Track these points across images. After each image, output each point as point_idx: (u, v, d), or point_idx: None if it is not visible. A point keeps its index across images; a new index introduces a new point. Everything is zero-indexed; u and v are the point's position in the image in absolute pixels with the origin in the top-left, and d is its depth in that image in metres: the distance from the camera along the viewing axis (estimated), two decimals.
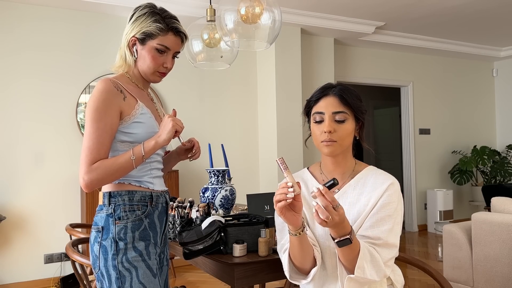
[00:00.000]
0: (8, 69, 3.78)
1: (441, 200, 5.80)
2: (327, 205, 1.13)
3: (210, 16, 2.49)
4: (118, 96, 1.41)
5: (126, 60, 1.51)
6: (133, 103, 1.45)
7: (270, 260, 1.65)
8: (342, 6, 4.42)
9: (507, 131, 6.76)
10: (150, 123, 1.48)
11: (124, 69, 1.53)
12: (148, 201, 1.46)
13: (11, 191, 3.76)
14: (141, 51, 1.49)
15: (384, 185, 1.36)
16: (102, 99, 1.38)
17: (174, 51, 1.53)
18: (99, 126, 1.37)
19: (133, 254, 1.39)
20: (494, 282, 2.89)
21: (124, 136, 1.43)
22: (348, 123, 1.38)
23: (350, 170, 1.44)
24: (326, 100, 1.40)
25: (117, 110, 1.40)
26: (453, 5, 4.48)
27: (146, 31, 1.46)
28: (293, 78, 4.69)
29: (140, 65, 1.51)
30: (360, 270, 1.23)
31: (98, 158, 1.36)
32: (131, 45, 1.50)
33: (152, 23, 1.46)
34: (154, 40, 1.47)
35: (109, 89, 1.40)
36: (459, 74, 6.59)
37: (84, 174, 1.35)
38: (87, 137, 1.37)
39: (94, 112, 1.37)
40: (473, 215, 3.05)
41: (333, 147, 1.37)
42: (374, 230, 1.31)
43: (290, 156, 4.58)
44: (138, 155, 1.40)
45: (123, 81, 1.49)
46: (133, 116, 1.44)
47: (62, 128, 3.95)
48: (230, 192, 2.15)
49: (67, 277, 3.44)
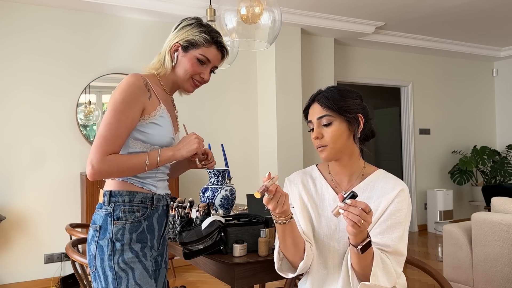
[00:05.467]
0: (8, 69, 3.78)
1: (441, 200, 5.80)
2: (361, 213, 1.11)
3: (210, 16, 2.49)
4: (145, 94, 1.41)
5: (164, 64, 1.51)
6: (156, 104, 1.45)
7: (270, 260, 1.64)
8: (342, 6, 4.42)
9: (507, 131, 6.76)
10: (166, 128, 1.47)
11: (160, 73, 1.53)
12: (149, 203, 1.45)
13: (11, 191, 3.76)
14: (182, 58, 1.50)
15: (394, 191, 1.35)
16: (130, 92, 1.38)
17: (213, 64, 1.54)
18: (120, 118, 1.35)
19: (129, 255, 1.38)
20: (494, 282, 2.89)
21: (138, 134, 1.42)
22: (335, 125, 1.36)
23: (358, 172, 1.42)
24: (312, 108, 1.42)
25: (141, 107, 1.40)
26: (453, 5, 4.48)
27: (191, 39, 1.48)
28: (293, 78, 4.69)
29: (177, 71, 1.51)
30: (374, 278, 1.22)
31: (112, 150, 1.35)
32: (173, 50, 1.51)
33: (198, 33, 1.49)
34: (197, 50, 1.49)
35: (138, 84, 1.40)
36: (459, 74, 6.59)
37: (96, 163, 1.32)
38: (106, 126, 1.35)
39: (120, 103, 1.36)
40: (473, 215, 3.05)
41: (326, 151, 1.37)
42: (384, 237, 1.30)
43: (290, 156, 4.58)
44: (153, 161, 1.40)
45: (152, 81, 1.49)
46: (152, 116, 1.43)
47: (62, 128, 3.95)
48: (230, 192, 2.15)
49: (67, 277, 3.44)
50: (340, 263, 1.37)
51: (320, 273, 1.39)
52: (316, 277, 1.39)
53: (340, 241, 1.37)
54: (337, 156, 1.39)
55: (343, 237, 1.37)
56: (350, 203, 1.11)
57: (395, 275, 1.28)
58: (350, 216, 1.11)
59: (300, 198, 1.45)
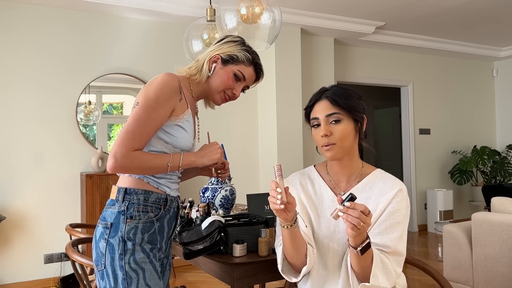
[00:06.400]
0: (8, 69, 3.78)
1: (441, 200, 5.80)
2: (360, 215, 1.11)
3: (210, 16, 2.49)
4: (177, 95, 1.41)
5: (201, 71, 1.52)
6: (184, 107, 1.45)
7: (270, 260, 1.64)
8: (342, 6, 4.42)
9: (507, 131, 6.76)
10: (190, 132, 1.48)
11: (195, 79, 1.53)
12: (162, 204, 1.44)
13: (11, 191, 3.76)
14: (219, 70, 1.52)
15: (392, 190, 1.35)
16: (165, 91, 1.38)
17: (247, 84, 1.57)
18: (152, 115, 1.35)
19: (140, 255, 1.36)
20: (494, 282, 2.89)
21: (163, 134, 1.42)
22: (344, 123, 1.35)
23: (357, 173, 1.42)
24: (319, 105, 1.39)
25: (171, 108, 1.40)
26: (453, 5, 4.48)
27: (233, 55, 1.51)
28: (293, 78, 4.69)
29: (212, 81, 1.53)
30: (374, 279, 1.22)
31: (138, 146, 1.34)
32: (212, 60, 1.52)
33: (241, 50, 1.53)
34: (236, 66, 1.52)
35: (173, 85, 1.40)
36: (459, 74, 6.59)
37: (120, 156, 1.30)
38: (136, 122, 1.34)
39: (153, 101, 1.35)
40: (473, 215, 3.05)
41: (333, 150, 1.35)
42: (383, 237, 1.30)
43: (289, 156, 4.58)
44: (175, 164, 1.40)
45: (184, 84, 1.49)
46: (179, 119, 1.43)
47: (62, 128, 3.95)
48: (230, 192, 2.15)
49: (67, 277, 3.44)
50: (340, 263, 1.36)
51: (320, 274, 1.39)
52: (316, 278, 1.39)
53: (340, 242, 1.37)
54: (342, 155, 1.38)
55: (342, 238, 1.36)
56: (349, 206, 1.11)
57: (394, 275, 1.28)
58: (350, 219, 1.11)
59: (299, 199, 1.45)
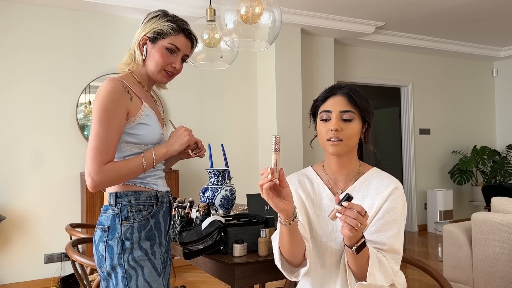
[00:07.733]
0: (8, 69, 3.78)
1: (441, 200, 5.80)
2: (357, 216, 1.11)
3: (210, 16, 2.49)
4: (126, 97, 1.41)
5: (135, 58, 1.52)
6: (138, 104, 1.45)
7: (270, 260, 1.64)
8: (342, 6, 4.42)
9: (507, 131, 6.76)
10: (154, 125, 1.48)
11: (132, 68, 1.53)
12: (154, 202, 1.47)
13: (11, 191, 3.76)
14: (151, 50, 1.50)
15: (388, 188, 1.35)
16: (111, 99, 1.38)
17: (183, 53, 1.54)
18: (107, 126, 1.36)
19: (139, 253, 1.40)
20: (494, 282, 2.89)
21: (129, 137, 1.43)
22: (355, 123, 1.37)
23: (354, 172, 1.43)
24: (334, 99, 1.39)
25: (125, 111, 1.40)
26: (453, 5, 4.48)
27: (158, 30, 1.49)
28: (293, 78, 4.69)
29: (148, 64, 1.52)
30: (371, 277, 1.23)
31: (107, 159, 1.36)
32: (141, 44, 1.51)
33: (164, 23, 1.49)
34: (165, 40, 1.49)
35: (117, 89, 1.40)
36: (459, 74, 6.59)
37: (94, 175, 1.35)
38: (96, 137, 1.36)
39: (103, 112, 1.36)
40: (473, 215, 3.05)
41: (339, 146, 1.35)
42: (379, 235, 1.31)
43: (290, 156, 4.58)
44: (149, 162, 1.42)
45: (129, 81, 1.49)
46: (139, 117, 1.44)
47: (62, 128, 3.95)
48: (230, 192, 2.15)
49: (67, 277, 3.44)
50: (338, 262, 1.37)
51: (318, 272, 1.39)
52: (315, 277, 1.39)
53: (338, 240, 1.38)
54: (345, 153, 1.38)
55: (340, 237, 1.37)
56: (347, 206, 1.11)
57: (392, 273, 1.28)
58: (348, 220, 1.11)
59: (299, 197, 1.45)
